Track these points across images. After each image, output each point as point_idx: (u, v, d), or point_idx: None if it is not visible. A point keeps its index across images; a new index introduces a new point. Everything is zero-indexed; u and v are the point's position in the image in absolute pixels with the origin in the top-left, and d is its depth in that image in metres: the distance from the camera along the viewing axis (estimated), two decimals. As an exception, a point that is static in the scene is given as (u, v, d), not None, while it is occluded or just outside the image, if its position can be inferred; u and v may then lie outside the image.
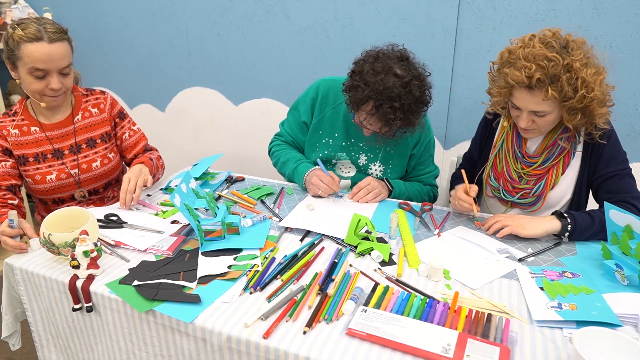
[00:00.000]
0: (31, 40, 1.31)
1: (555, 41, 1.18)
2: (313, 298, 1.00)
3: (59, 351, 1.22)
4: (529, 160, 1.38)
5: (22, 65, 1.33)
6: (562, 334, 0.92)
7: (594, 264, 1.16)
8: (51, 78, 1.36)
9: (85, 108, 1.53)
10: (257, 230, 1.28)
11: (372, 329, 0.90)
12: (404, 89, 1.30)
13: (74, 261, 1.08)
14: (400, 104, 1.30)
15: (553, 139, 1.35)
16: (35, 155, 1.45)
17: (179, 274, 1.09)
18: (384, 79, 1.30)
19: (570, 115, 1.22)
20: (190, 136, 2.65)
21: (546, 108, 1.21)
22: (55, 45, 1.33)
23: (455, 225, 1.36)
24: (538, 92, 1.19)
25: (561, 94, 1.17)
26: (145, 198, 1.52)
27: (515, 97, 1.25)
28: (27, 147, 1.44)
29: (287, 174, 1.62)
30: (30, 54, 1.31)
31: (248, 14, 2.24)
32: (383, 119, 1.33)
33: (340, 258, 1.15)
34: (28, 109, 1.47)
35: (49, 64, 1.33)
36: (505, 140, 1.43)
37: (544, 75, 1.16)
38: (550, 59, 1.15)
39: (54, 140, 1.47)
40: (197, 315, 0.96)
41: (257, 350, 0.90)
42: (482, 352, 0.85)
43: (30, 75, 1.34)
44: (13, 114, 1.46)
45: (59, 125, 1.48)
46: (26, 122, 1.45)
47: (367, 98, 1.33)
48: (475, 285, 1.06)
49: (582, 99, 1.17)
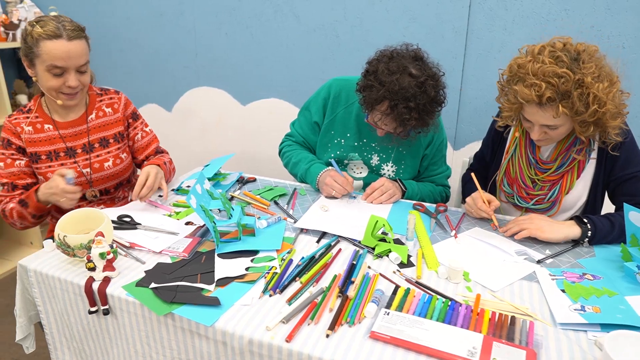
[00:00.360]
0: (50, 37, 1.31)
1: (566, 54, 1.15)
2: (334, 301, 0.99)
3: (73, 354, 1.20)
4: (543, 166, 1.37)
5: (41, 62, 1.33)
6: (586, 337, 0.91)
7: (613, 266, 1.15)
8: (69, 75, 1.36)
9: (99, 107, 1.53)
10: (272, 232, 1.27)
11: (395, 332, 0.89)
12: (419, 89, 1.29)
13: (89, 263, 1.07)
14: (416, 104, 1.29)
15: (567, 144, 1.33)
16: (47, 153, 1.44)
17: (196, 276, 1.08)
18: (399, 79, 1.29)
19: (583, 128, 1.20)
20: (197, 136, 2.64)
21: (558, 122, 1.20)
22: (74, 43, 1.33)
23: (471, 226, 1.35)
24: (549, 109, 1.17)
25: (572, 110, 1.15)
26: (157, 199, 1.50)
27: (527, 111, 1.23)
28: (40, 144, 1.44)
29: (299, 174, 1.60)
30: (50, 52, 1.31)
31: (256, 14, 2.23)
32: (398, 119, 1.32)
33: (358, 260, 1.14)
34: (42, 106, 1.46)
35: (67, 61, 1.33)
36: (518, 146, 1.42)
37: (555, 93, 1.14)
38: (560, 76, 1.13)
39: (67, 138, 1.46)
40: (217, 318, 0.94)
41: (280, 353, 0.89)
42: (508, 356, 0.84)
43: (48, 73, 1.34)
44: (27, 111, 1.45)
45: (72, 124, 1.48)
46: (40, 119, 1.45)
47: (382, 98, 1.32)
48: (495, 288, 1.06)
49: (594, 114, 1.15)
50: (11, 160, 1.42)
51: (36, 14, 2.51)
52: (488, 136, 1.55)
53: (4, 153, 1.42)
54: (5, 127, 1.42)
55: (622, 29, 1.69)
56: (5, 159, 1.42)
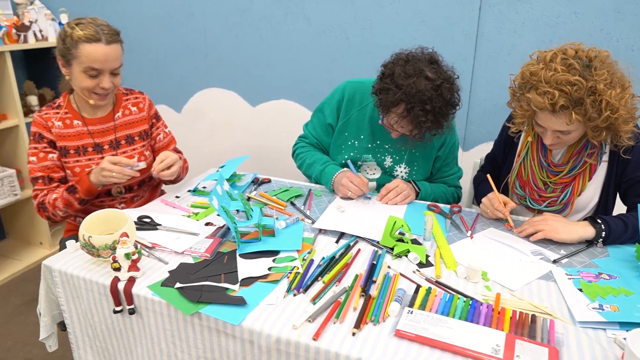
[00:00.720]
0: (90, 41, 1.35)
1: (578, 61, 1.17)
2: (357, 300, 1.01)
3: (95, 353, 1.22)
4: (555, 169, 1.39)
5: (78, 63, 1.37)
6: (605, 335, 0.93)
7: (628, 265, 1.17)
8: (103, 77, 1.40)
9: (126, 106, 1.58)
10: (291, 232, 1.29)
11: (420, 330, 0.92)
12: (435, 92, 1.31)
13: (115, 263, 1.09)
14: (432, 107, 1.32)
15: (578, 148, 1.35)
16: (76, 148, 1.48)
17: (220, 276, 1.10)
18: (415, 82, 1.31)
19: (595, 133, 1.22)
20: (207, 137, 2.65)
21: (570, 128, 1.21)
22: (111, 47, 1.39)
23: (486, 226, 1.37)
24: (562, 115, 1.19)
25: (585, 117, 1.17)
26: (175, 200, 1.52)
27: (540, 118, 1.25)
28: (69, 139, 1.48)
29: (313, 175, 1.62)
30: (89, 54, 1.36)
31: (267, 16, 2.25)
32: (414, 121, 1.35)
33: (378, 260, 1.16)
34: (71, 103, 1.51)
35: (104, 64, 1.38)
36: (530, 149, 1.44)
37: (567, 101, 1.15)
38: (573, 83, 1.14)
39: (95, 134, 1.51)
40: (244, 317, 0.96)
41: (307, 352, 0.91)
42: (531, 353, 0.86)
43: (84, 74, 1.38)
44: (57, 107, 1.49)
45: (100, 121, 1.52)
46: (69, 115, 1.49)
47: (399, 101, 1.34)
48: (514, 287, 1.08)
49: (606, 119, 1.17)
50: (44, 154, 1.45)
51: (46, 15, 2.52)
52: (500, 139, 1.57)
53: (37, 147, 1.45)
54: (36, 122, 1.46)
55: (631, 32, 1.72)
56: (38, 152, 1.45)
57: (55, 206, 1.43)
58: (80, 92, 1.44)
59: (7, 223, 2.82)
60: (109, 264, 1.14)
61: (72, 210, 1.44)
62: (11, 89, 2.36)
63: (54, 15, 2.57)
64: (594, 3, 1.73)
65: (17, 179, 2.43)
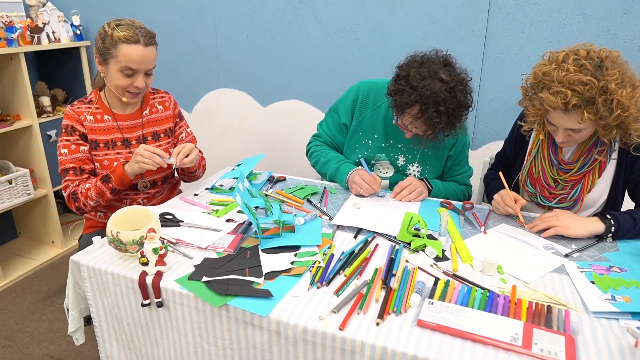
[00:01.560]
0: (129, 42, 1.41)
1: (590, 62, 1.20)
2: (378, 292, 1.05)
3: (121, 346, 1.26)
4: (565, 167, 1.43)
5: (115, 62, 1.43)
6: (618, 324, 0.97)
7: (638, 259, 1.21)
8: (138, 77, 1.46)
9: (153, 104, 1.65)
10: (310, 228, 1.33)
11: (441, 320, 0.95)
12: (449, 94, 1.35)
13: (143, 258, 1.12)
14: (446, 108, 1.35)
15: (588, 146, 1.39)
16: (105, 142, 1.54)
17: (244, 270, 1.14)
18: (430, 84, 1.35)
19: (606, 131, 1.25)
20: (217, 137, 2.69)
21: (582, 126, 1.25)
22: (149, 49, 1.45)
23: (498, 222, 1.41)
24: (574, 114, 1.22)
25: (597, 115, 1.20)
26: (194, 197, 1.56)
27: (552, 116, 1.28)
28: (99, 133, 1.54)
29: (328, 173, 1.66)
30: (127, 55, 1.42)
31: (278, 17, 2.29)
32: (428, 122, 1.38)
33: (396, 254, 1.20)
34: (102, 99, 1.57)
35: (140, 65, 1.44)
36: (541, 147, 1.47)
37: (580, 100, 1.19)
38: (585, 83, 1.18)
39: (124, 130, 1.57)
40: (271, 309, 1.00)
41: (334, 341, 0.95)
42: (549, 341, 0.90)
43: (120, 73, 1.44)
44: (88, 102, 1.55)
45: (129, 117, 1.59)
46: (100, 110, 1.55)
47: (414, 102, 1.38)
48: (529, 279, 1.12)
49: (617, 118, 1.20)
50: (76, 146, 1.51)
51: (59, 17, 2.56)
52: (510, 137, 1.61)
53: (69, 139, 1.51)
54: (68, 115, 1.52)
55: (639, 33, 1.76)
56: (70, 144, 1.50)
57: (87, 196, 1.47)
58: (114, 89, 1.50)
59: (20, 222, 2.86)
60: (136, 259, 1.18)
61: (104, 199, 1.48)
62: (25, 90, 2.40)
63: (65, 17, 2.61)
64: (601, 4, 1.77)
65: (30, 178, 2.47)
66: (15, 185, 2.40)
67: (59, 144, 1.52)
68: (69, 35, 2.63)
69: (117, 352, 1.27)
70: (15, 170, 2.45)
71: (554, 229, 1.29)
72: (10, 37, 2.28)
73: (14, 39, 2.29)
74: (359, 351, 0.93)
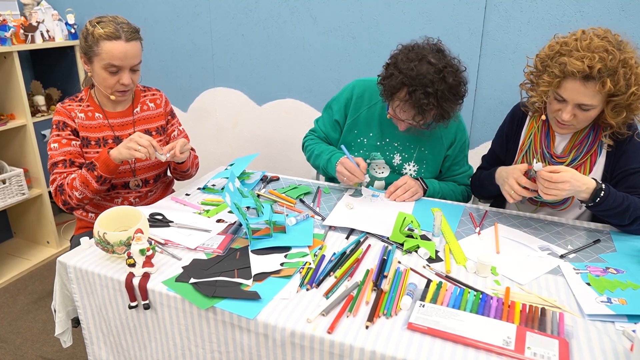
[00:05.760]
0: (110, 38, 1.40)
1: (609, 37, 1.22)
2: (369, 294, 1.03)
3: (109, 348, 1.24)
4: (557, 160, 1.41)
5: (99, 60, 1.42)
6: (614, 327, 0.95)
7: (635, 260, 1.19)
8: (123, 74, 1.45)
9: (144, 102, 1.63)
10: (302, 229, 1.30)
11: (432, 323, 0.93)
12: (438, 75, 1.32)
13: (130, 259, 1.10)
14: (434, 90, 1.31)
15: (580, 138, 1.38)
16: (97, 140, 1.53)
17: (233, 271, 1.12)
18: (417, 66, 1.32)
19: (614, 112, 1.24)
20: (213, 136, 2.67)
21: (594, 102, 1.23)
22: (131, 44, 1.43)
23: (493, 223, 1.39)
24: (593, 84, 1.20)
25: (616, 87, 1.19)
26: (185, 197, 1.54)
27: (565, 88, 1.25)
28: (91, 130, 1.52)
29: (321, 165, 1.64)
30: (109, 51, 1.40)
31: (273, 15, 2.26)
32: (416, 105, 1.34)
33: (388, 255, 1.18)
34: (93, 97, 1.55)
35: (124, 61, 1.42)
36: (533, 141, 1.46)
37: (604, 67, 1.18)
38: (609, 52, 1.18)
39: (115, 127, 1.56)
40: (259, 311, 0.98)
41: (322, 344, 0.92)
42: (542, 345, 0.88)
43: (105, 71, 1.43)
44: (79, 100, 1.54)
45: (120, 115, 1.57)
46: (91, 108, 1.54)
47: (401, 84, 1.35)
48: (523, 281, 1.09)
49: (631, 96, 1.20)
50: (67, 140, 1.49)
51: (53, 16, 2.54)
52: (500, 133, 1.58)
53: (60, 134, 1.49)
54: (59, 112, 1.50)
55: (637, 30, 1.73)
56: (61, 139, 1.48)
57: (72, 186, 1.43)
58: (103, 89, 1.48)
59: (15, 222, 2.85)
60: (123, 260, 1.16)
61: (90, 190, 1.43)
62: (19, 89, 2.38)
63: (60, 16, 2.59)
64: (599, 1, 1.75)
65: (24, 178, 2.45)
66: (9, 185, 2.38)
67: (50, 139, 1.50)
68: (64, 34, 2.61)
69: (105, 355, 1.25)
70: (10, 170, 2.43)
71: (569, 182, 1.20)
72: (3, 35, 2.26)
73: (7, 38, 2.27)
74: (348, 355, 0.91)
